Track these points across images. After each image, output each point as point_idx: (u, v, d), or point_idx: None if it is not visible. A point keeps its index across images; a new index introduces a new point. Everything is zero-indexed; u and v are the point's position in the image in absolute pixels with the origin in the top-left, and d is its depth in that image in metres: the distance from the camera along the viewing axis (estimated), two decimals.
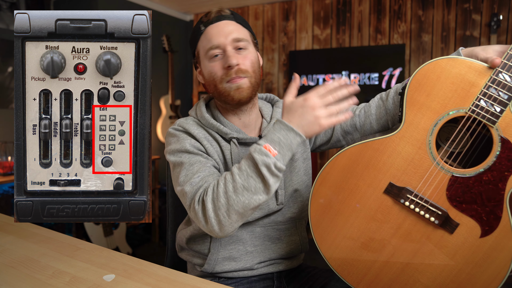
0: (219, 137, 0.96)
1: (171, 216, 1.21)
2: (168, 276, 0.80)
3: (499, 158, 0.75)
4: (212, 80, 0.94)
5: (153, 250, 3.05)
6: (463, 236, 0.79)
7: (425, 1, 2.88)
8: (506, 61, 0.71)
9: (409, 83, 0.81)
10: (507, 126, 0.74)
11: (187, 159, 0.90)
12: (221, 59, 0.92)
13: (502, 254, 0.76)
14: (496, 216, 0.76)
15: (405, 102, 0.82)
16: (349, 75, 3.09)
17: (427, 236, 0.81)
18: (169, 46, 3.41)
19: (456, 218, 0.79)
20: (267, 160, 0.77)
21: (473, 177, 0.77)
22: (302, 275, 1.07)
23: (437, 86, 0.78)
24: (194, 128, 0.95)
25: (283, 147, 0.79)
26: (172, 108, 3.48)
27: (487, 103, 0.73)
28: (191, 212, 0.84)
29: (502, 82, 0.72)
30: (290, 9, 3.38)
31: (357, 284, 0.87)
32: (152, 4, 3.37)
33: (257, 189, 0.78)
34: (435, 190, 0.79)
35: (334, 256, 0.88)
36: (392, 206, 0.82)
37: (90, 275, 0.80)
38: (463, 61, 0.76)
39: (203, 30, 0.94)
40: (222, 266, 0.98)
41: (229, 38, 0.92)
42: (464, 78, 0.76)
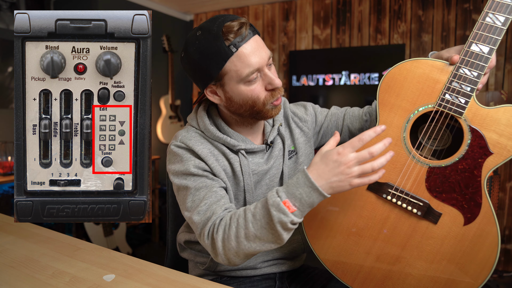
0: (226, 150, 0.91)
1: (171, 216, 1.21)
2: (168, 276, 0.80)
3: (471, 146, 0.79)
4: (249, 103, 0.86)
5: (153, 250, 3.05)
6: (448, 226, 0.81)
7: (425, 1, 2.88)
8: (463, 57, 0.77)
9: (379, 87, 0.87)
10: (474, 116, 0.78)
11: (192, 183, 0.86)
12: (259, 80, 0.85)
13: (488, 241, 0.78)
14: (476, 203, 0.79)
15: (377, 104, 0.87)
16: (349, 75, 3.09)
17: (413, 228, 0.83)
18: (169, 46, 3.41)
19: (438, 208, 0.82)
20: (284, 218, 0.73)
21: (449, 167, 0.80)
22: (303, 275, 1.07)
23: (404, 86, 0.84)
24: (198, 145, 0.89)
25: (303, 204, 0.74)
26: (172, 108, 3.48)
27: (451, 96, 0.79)
28: (202, 242, 0.83)
29: (463, 76, 0.78)
30: (290, 9, 3.37)
31: (352, 282, 0.88)
32: (152, 4, 3.37)
33: (269, 240, 0.76)
34: (414, 182, 0.83)
35: (327, 256, 0.90)
36: (376, 202, 0.86)
37: (90, 275, 0.80)
38: (426, 61, 0.82)
39: (235, 51, 0.81)
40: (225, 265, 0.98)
41: (265, 57, 0.84)
42: (428, 77, 0.82)
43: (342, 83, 3.10)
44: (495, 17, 0.75)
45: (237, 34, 0.80)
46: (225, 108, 0.92)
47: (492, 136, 0.77)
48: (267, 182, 0.98)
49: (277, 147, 0.99)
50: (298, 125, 1.06)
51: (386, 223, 0.85)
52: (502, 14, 0.75)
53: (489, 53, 0.76)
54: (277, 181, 1.00)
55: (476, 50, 0.77)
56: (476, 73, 0.77)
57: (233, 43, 0.80)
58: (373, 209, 0.86)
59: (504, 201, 2.68)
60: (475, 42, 0.77)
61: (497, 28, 0.75)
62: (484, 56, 0.76)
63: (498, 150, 0.77)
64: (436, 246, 0.81)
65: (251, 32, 0.83)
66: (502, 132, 0.77)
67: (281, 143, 1.01)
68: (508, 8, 0.75)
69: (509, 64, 2.63)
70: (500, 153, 0.77)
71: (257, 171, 0.95)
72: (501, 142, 0.77)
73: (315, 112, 1.11)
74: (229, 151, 0.92)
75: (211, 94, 0.89)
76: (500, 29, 0.75)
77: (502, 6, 0.75)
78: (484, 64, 0.76)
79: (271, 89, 0.86)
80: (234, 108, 0.89)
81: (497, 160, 0.78)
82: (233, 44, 0.80)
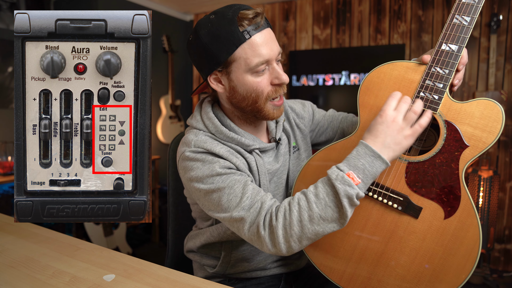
0: (241, 149, 0.89)
1: (171, 216, 1.21)
2: (168, 276, 0.80)
3: (447, 140, 0.82)
4: (252, 96, 0.85)
5: (153, 250, 3.05)
6: (428, 220, 0.82)
7: (425, 1, 2.88)
8: (434, 56, 0.82)
9: (359, 90, 0.91)
10: (448, 111, 0.82)
11: (223, 183, 0.81)
12: (266, 73, 0.84)
13: (469, 234, 0.79)
14: (455, 196, 0.81)
15: (358, 106, 0.91)
16: (349, 75, 3.09)
17: (395, 224, 0.85)
18: (169, 46, 3.41)
19: (418, 203, 0.83)
20: (351, 191, 0.71)
21: (427, 161, 0.83)
22: (304, 274, 1.08)
23: (382, 88, 0.89)
24: (216, 146, 0.85)
25: (367, 175, 0.73)
26: (172, 108, 3.48)
27: (425, 93, 0.83)
28: (253, 236, 0.78)
29: (435, 73, 0.82)
30: (290, 9, 3.37)
31: (339, 280, 0.90)
32: (152, 4, 3.37)
33: (333, 219, 0.74)
34: (393, 178, 0.85)
35: (315, 254, 0.92)
36: None
37: (90, 275, 0.80)
38: (401, 64, 0.87)
39: (248, 38, 0.79)
40: (235, 268, 0.98)
41: (276, 51, 0.83)
42: (404, 77, 0.86)
43: (342, 83, 3.10)
44: (461, 17, 0.81)
45: (252, 22, 0.79)
46: (227, 100, 0.89)
47: (466, 129, 0.80)
48: (275, 180, 0.97)
49: (283, 144, 0.99)
50: (295, 121, 1.06)
51: (369, 220, 0.87)
52: (467, 15, 0.80)
53: (458, 50, 0.81)
54: (284, 178, 0.99)
55: (446, 49, 0.82)
56: (447, 71, 0.81)
57: (246, 30, 0.79)
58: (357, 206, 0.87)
59: (504, 201, 2.68)
60: (445, 42, 0.82)
61: (464, 27, 0.80)
62: (454, 54, 0.81)
63: (474, 143, 0.80)
64: (419, 241, 0.83)
65: (265, 24, 0.82)
66: (476, 124, 0.80)
67: (287, 139, 1.01)
68: (473, 8, 0.80)
69: (509, 64, 2.63)
70: (476, 145, 0.80)
71: (271, 170, 0.94)
72: (476, 134, 0.80)
73: (312, 110, 1.12)
74: (243, 150, 0.90)
75: (214, 82, 0.87)
76: (467, 28, 0.80)
77: (467, 7, 0.81)
78: (454, 61, 0.81)
79: (276, 84, 0.85)
80: (236, 100, 0.87)
81: (473, 152, 0.80)
82: (247, 31, 0.79)
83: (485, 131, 0.79)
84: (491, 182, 2.34)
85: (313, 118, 1.11)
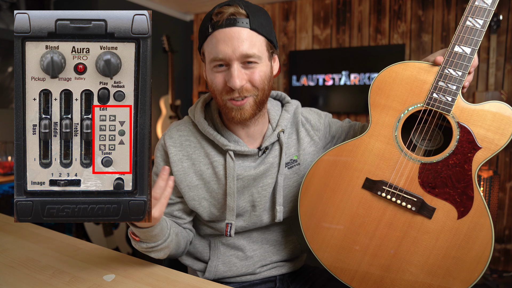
0: (212, 150, 0.90)
1: None
2: (168, 276, 0.80)
3: (460, 141, 0.82)
4: (213, 89, 0.86)
5: None
6: (442, 220, 0.83)
7: (425, 1, 2.88)
8: (447, 58, 0.82)
9: (370, 89, 0.90)
10: (461, 113, 0.82)
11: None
12: (225, 71, 0.82)
13: (482, 234, 0.80)
14: (468, 197, 0.81)
15: (369, 106, 0.90)
16: (349, 75, 3.09)
17: (408, 224, 0.85)
18: (169, 46, 3.41)
19: (431, 203, 0.84)
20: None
21: (440, 162, 0.83)
22: (303, 275, 1.07)
23: (394, 88, 0.88)
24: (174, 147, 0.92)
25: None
26: (172, 108, 3.48)
27: (438, 95, 0.83)
28: None
29: (448, 75, 0.82)
30: (290, 9, 3.37)
31: (351, 281, 0.89)
32: (152, 4, 3.37)
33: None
34: (407, 179, 0.85)
35: (326, 255, 0.91)
36: (371, 200, 0.88)
37: (90, 275, 0.80)
38: (413, 64, 0.87)
39: (210, 33, 0.81)
40: (223, 273, 0.98)
41: (238, 52, 0.79)
42: (416, 78, 0.86)
43: (342, 83, 3.10)
44: (474, 20, 0.81)
45: (218, 18, 0.81)
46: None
47: (479, 131, 0.81)
48: (258, 190, 0.93)
49: (272, 154, 0.94)
50: (309, 134, 1.00)
51: (382, 220, 0.87)
52: (480, 17, 0.80)
53: (471, 53, 0.81)
54: (269, 191, 0.94)
55: (459, 51, 0.82)
56: (460, 73, 0.81)
57: (212, 24, 0.81)
58: (369, 207, 0.88)
59: (504, 201, 2.68)
60: (458, 44, 0.82)
61: (477, 31, 0.80)
62: (467, 57, 0.81)
63: (486, 144, 0.80)
64: (432, 241, 0.83)
65: (238, 22, 0.79)
66: (488, 127, 0.80)
67: (279, 150, 0.94)
68: (486, 11, 0.80)
69: (509, 64, 2.63)
70: (488, 147, 0.80)
71: (243, 175, 0.90)
72: (488, 136, 0.80)
73: (329, 123, 1.05)
74: (214, 152, 0.90)
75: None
76: (480, 31, 0.80)
77: (480, 10, 0.80)
78: (467, 64, 0.81)
79: (229, 87, 0.82)
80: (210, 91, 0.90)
81: (486, 154, 0.80)
82: (211, 26, 0.81)
83: (498, 133, 0.80)
84: (491, 182, 2.34)
85: (330, 130, 1.04)
